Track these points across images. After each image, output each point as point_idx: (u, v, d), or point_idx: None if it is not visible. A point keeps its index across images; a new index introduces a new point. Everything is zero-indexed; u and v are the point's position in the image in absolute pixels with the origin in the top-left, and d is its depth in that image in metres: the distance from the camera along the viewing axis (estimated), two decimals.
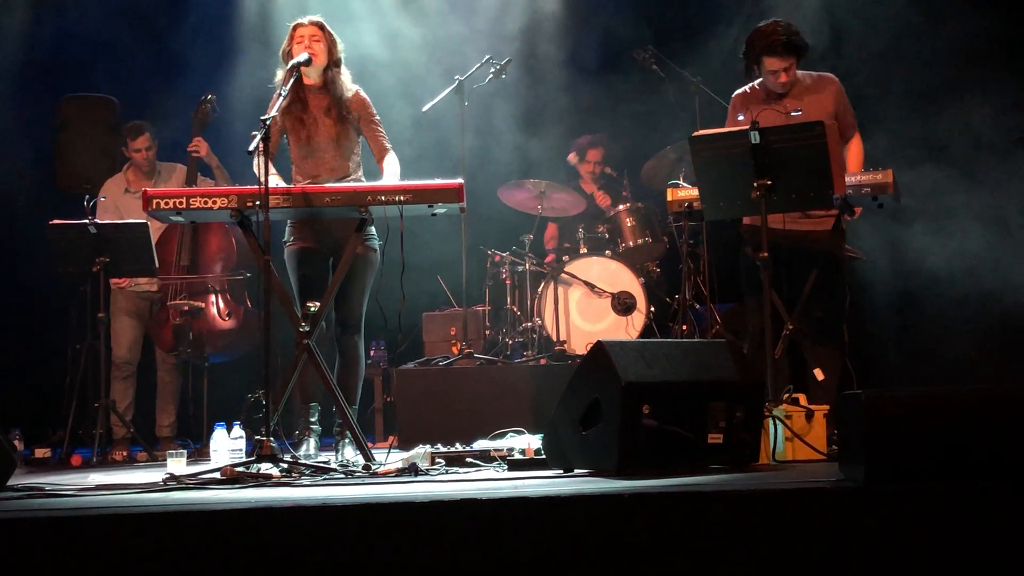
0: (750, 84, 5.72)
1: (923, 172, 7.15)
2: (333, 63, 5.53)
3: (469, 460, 4.89)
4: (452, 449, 5.15)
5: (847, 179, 5.20)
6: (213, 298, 7.21)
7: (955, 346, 7.63)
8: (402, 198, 5.04)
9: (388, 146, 5.58)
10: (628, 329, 7.37)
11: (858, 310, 6.83)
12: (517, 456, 4.84)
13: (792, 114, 5.54)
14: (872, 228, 5.68)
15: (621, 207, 7.80)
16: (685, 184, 5.78)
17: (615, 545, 3.13)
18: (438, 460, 4.86)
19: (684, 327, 6.87)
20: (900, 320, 7.81)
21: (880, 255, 7.33)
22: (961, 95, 7.31)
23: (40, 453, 6.78)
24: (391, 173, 5.45)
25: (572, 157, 8.29)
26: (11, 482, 4.35)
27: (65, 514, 3.44)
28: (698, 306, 7.10)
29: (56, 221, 6.53)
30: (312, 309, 5.09)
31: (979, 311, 7.47)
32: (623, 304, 7.41)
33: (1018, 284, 7.10)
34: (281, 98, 5.19)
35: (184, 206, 5.06)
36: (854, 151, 5.66)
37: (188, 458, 5.30)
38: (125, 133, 7.31)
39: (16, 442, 6.63)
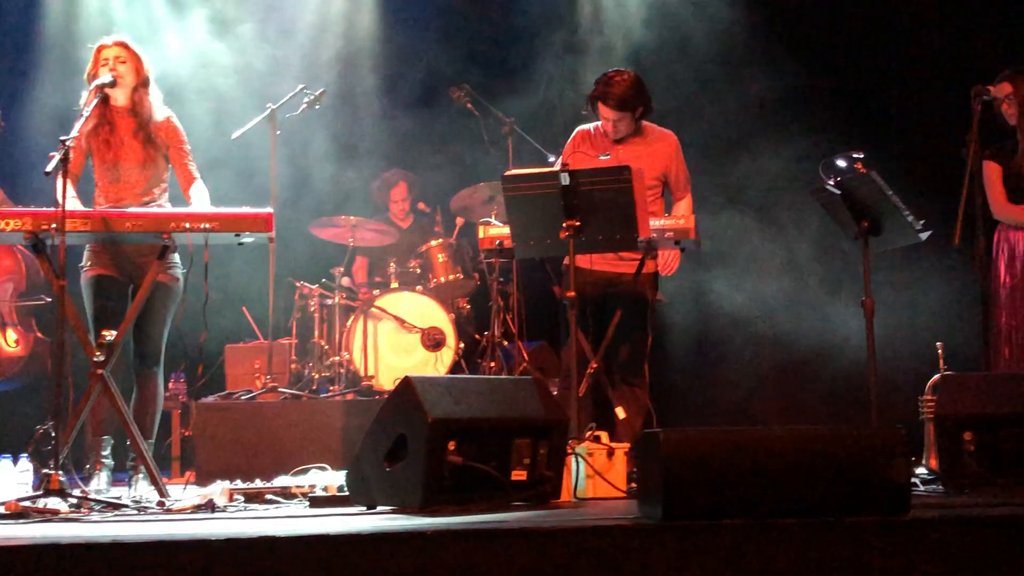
0: (593, 124, 5.84)
1: (723, 219, 7.43)
2: (140, 83, 5.37)
3: (269, 497, 4.78)
4: (252, 485, 5.02)
5: (651, 223, 5.34)
6: (0, 325, 6.87)
7: (750, 386, 7.93)
8: (208, 225, 4.91)
9: (196, 175, 5.44)
10: (437, 365, 7.37)
11: (661, 350, 7.03)
12: (319, 493, 4.75)
13: (601, 158, 5.67)
14: (676, 272, 5.88)
15: (433, 243, 7.81)
16: (496, 222, 5.83)
17: None
18: (237, 496, 4.74)
19: (492, 364, 6.92)
20: (700, 360, 8.06)
21: (682, 297, 7.57)
22: (757, 146, 7.66)
23: None
24: (200, 200, 5.31)
25: (377, 193, 8.28)
26: None
27: None
28: (507, 343, 7.16)
29: None
30: (108, 338, 4.89)
31: (773, 350, 7.79)
32: (433, 340, 7.40)
33: (810, 325, 7.43)
34: (83, 119, 5.01)
35: None
36: (683, 210, 5.79)
37: None
38: None
39: None
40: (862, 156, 5.25)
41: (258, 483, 5.11)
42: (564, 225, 5.07)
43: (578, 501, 4.60)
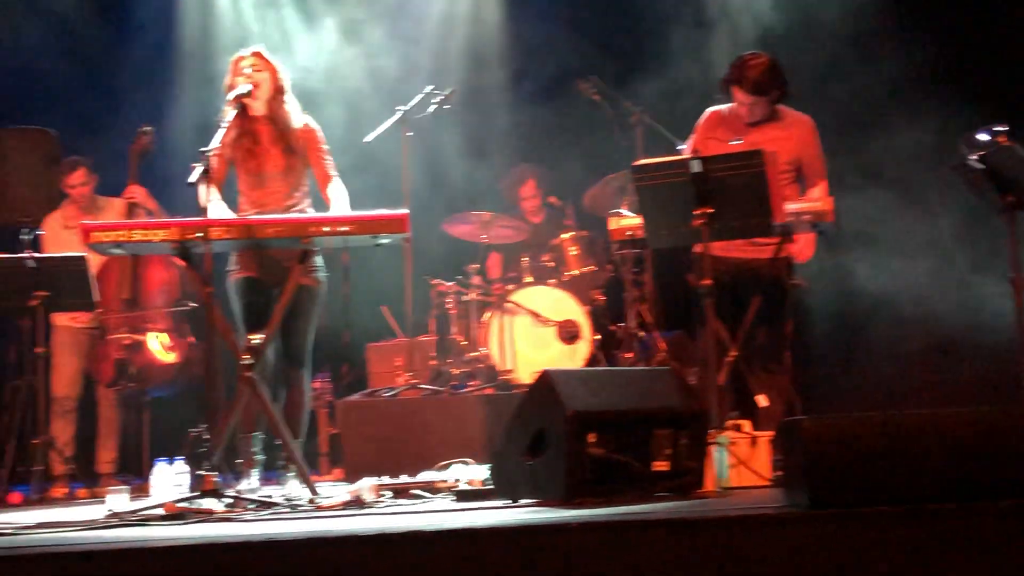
0: (727, 106, 5.78)
1: (861, 199, 7.27)
2: (277, 91, 5.50)
3: (415, 492, 4.87)
4: (398, 481, 5.12)
5: (787, 207, 5.26)
6: (155, 332, 7.12)
7: (897, 369, 7.74)
8: (346, 229, 5.02)
9: (333, 174, 5.56)
10: (574, 358, 7.38)
11: (802, 336, 6.91)
12: (464, 487, 4.82)
13: (732, 143, 5.60)
14: (816, 255, 5.77)
15: (565, 236, 7.83)
16: (627, 213, 5.81)
17: (563, 575, 3.12)
18: (384, 492, 4.83)
19: (629, 355, 6.90)
20: (843, 345, 7.90)
21: (823, 281, 7.42)
22: (892, 124, 7.46)
23: None
24: (339, 200, 5.41)
25: (507, 190, 8.33)
26: None
27: (4, 553, 3.37)
28: (643, 334, 7.13)
29: None
30: (256, 342, 5.04)
31: (919, 333, 7.59)
32: (568, 333, 7.42)
33: (955, 305, 7.22)
34: (222, 130, 5.16)
35: (125, 239, 5.01)
36: (818, 194, 5.66)
37: (130, 494, 5.21)
38: (61, 168, 7.23)
39: None
40: (1005, 129, 5.09)
41: (404, 478, 5.20)
42: (697, 213, 5.02)
43: (722, 491, 4.57)
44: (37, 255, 6.41)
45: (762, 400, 5.50)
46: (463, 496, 4.62)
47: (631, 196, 6.33)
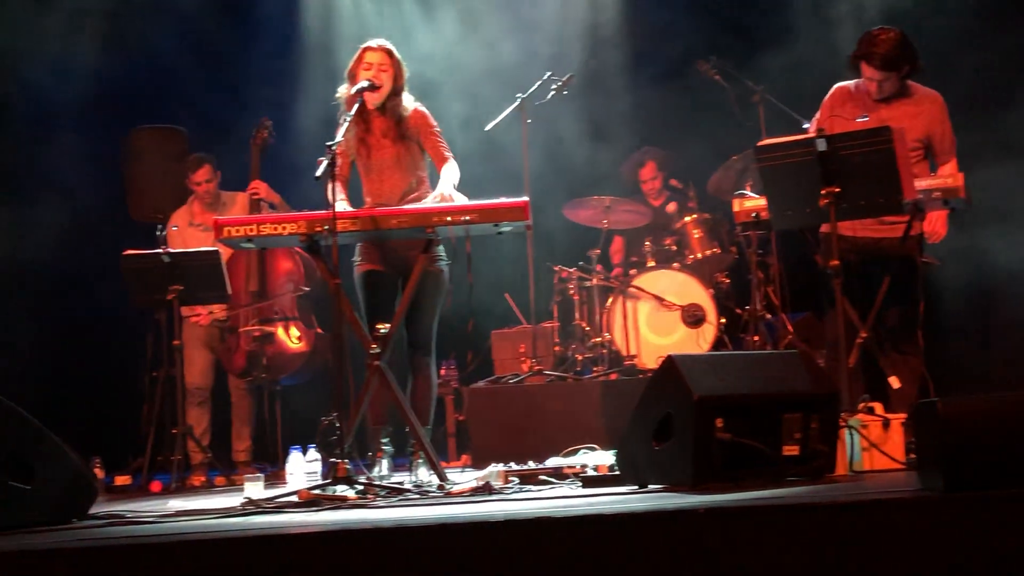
0: (854, 82, 5.67)
1: (993, 174, 7.04)
2: (395, 92, 5.56)
3: (542, 478, 4.89)
4: (525, 467, 5.15)
5: (917, 184, 5.13)
6: (283, 322, 7.28)
7: None
8: (468, 218, 5.06)
9: (448, 155, 5.58)
10: (699, 341, 7.33)
11: (934, 315, 6.74)
12: (591, 473, 4.82)
13: (858, 120, 5.49)
14: (947, 232, 5.63)
15: (688, 218, 7.76)
16: (751, 194, 5.74)
17: (692, 560, 3.10)
18: (512, 479, 4.86)
19: (756, 338, 6.81)
20: (978, 324, 7.69)
21: (955, 259, 7.22)
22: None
23: (120, 480, 6.88)
24: (447, 180, 5.43)
25: (627, 173, 8.29)
26: (93, 510, 4.43)
27: (146, 541, 3.49)
28: (769, 316, 7.04)
29: (130, 251, 6.63)
30: (382, 331, 5.12)
31: None
32: (693, 316, 7.37)
33: None
34: (345, 124, 5.24)
35: (255, 233, 5.15)
36: (949, 171, 5.52)
37: (265, 482, 5.34)
38: (187, 165, 7.41)
39: (97, 470, 6.72)
40: None
41: (531, 464, 5.23)
42: (823, 192, 4.94)
43: (855, 475, 4.49)
44: (172, 251, 6.60)
45: (894, 382, 5.40)
46: (590, 482, 4.62)
47: (755, 177, 6.25)
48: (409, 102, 5.61)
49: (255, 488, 5.04)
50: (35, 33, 8.04)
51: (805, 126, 6.19)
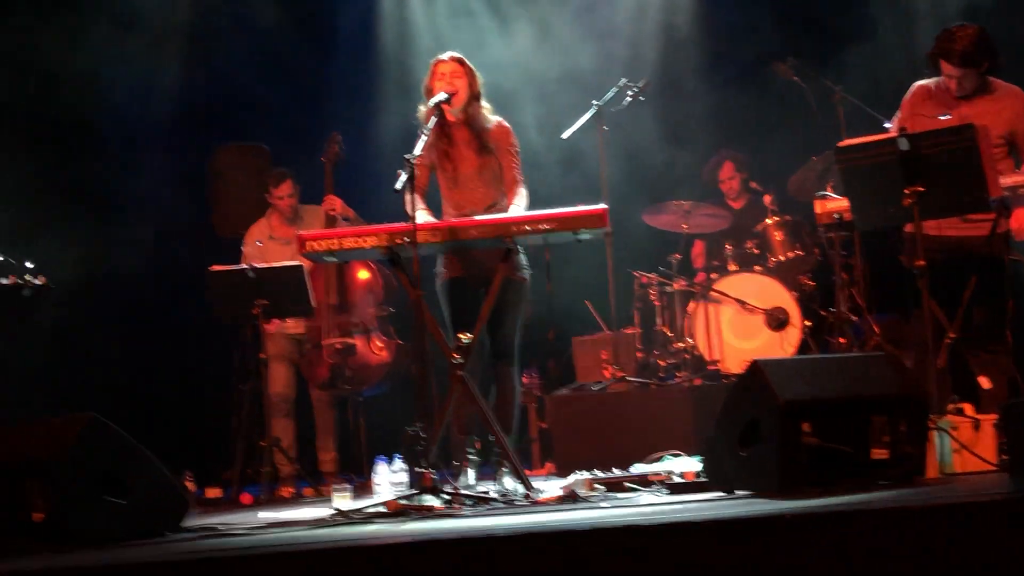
0: (934, 80, 5.59)
1: None
2: (473, 97, 5.60)
3: (628, 485, 4.88)
4: (610, 475, 5.14)
5: (1002, 181, 5.05)
6: (364, 334, 7.34)
7: None
8: (547, 226, 5.08)
9: (519, 178, 5.60)
10: (783, 345, 7.26)
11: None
12: (676, 479, 4.80)
13: (940, 118, 5.41)
14: None
15: (769, 221, 7.70)
16: (833, 195, 5.69)
17: (782, 567, 3.08)
18: (597, 486, 4.86)
19: (842, 340, 6.74)
20: None
21: None
22: None
23: (211, 493, 6.99)
24: (515, 206, 5.46)
25: (706, 177, 8.24)
26: (186, 523, 4.52)
27: (239, 553, 3.56)
28: (855, 318, 6.95)
29: (216, 267, 6.75)
30: (465, 340, 5.15)
31: None
32: (777, 320, 7.30)
33: None
34: (424, 136, 5.28)
35: (337, 246, 5.21)
36: None
37: (352, 492, 5.40)
38: (268, 180, 7.50)
39: (188, 483, 6.83)
40: None
41: (615, 472, 5.22)
42: (907, 192, 4.87)
43: (946, 477, 4.42)
44: (257, 266, 6.69)
45: (984, 382, 5.30)
46: (676, 488, 4.60)
47: (836, 178, 6.18)
48: (492, 115, 5.64)
49: (343, 499, 5.10)
50: (120, 58, 8.23)
51: (887, 125, 6.11)
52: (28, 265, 5.95)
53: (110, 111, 8.37)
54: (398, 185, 4.90)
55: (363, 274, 7.39)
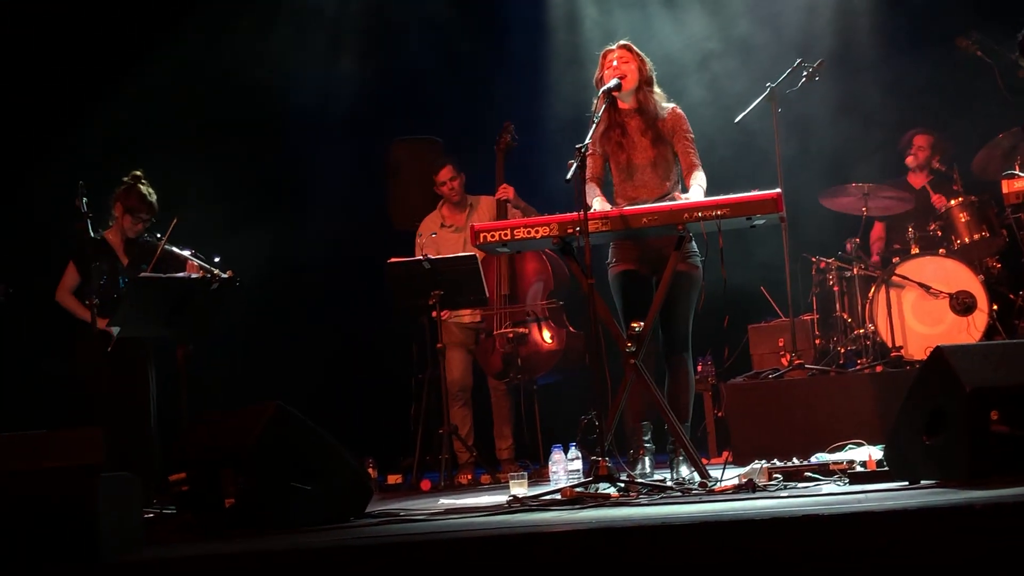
0: None
1: None
2: (644, 83, 5.56)
3: (808, 475, 4.79)
4: (789, 464, 5.06)
5: None
6: (536, 323, 7.39)
7: None
8: (720, 212, 5.02)
9: (697, 162, 5.54)
10: (969, 330, 7.01)
11: None
12: (859, 469, 4.69)
13: None
14: None
15: (953, 202, 7.44)
16: (1022, 174, 5.46)
17: (971, 559, 2.98)
18: (775, 476, 4.79)
19: None
20: None
21: None
22: None
23: (392, 479, 7.17)
24: (696, 187, 5.40)
25: (901, 146, 7.97)
26: (369, 508, 4.65)
27: (419, 538, 3.64)
28: None
29: (394, 259, 6.90)
30: (637, 329, 5.13)
31: None
32: (962, 304, 7.05)
33: None
34: (595, 125, 5.28)
35: (509, 237, 5.26)
36: None
37: (529, 479, 5.46)
38: (431, 170, 7.61)
39: (370, 470, 7.02)
40: None
41: (795, 461, 5.13)
42: None
43: None
44: (433, 257, 6.82)
45: None
46: (858, 478, 4.50)
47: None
48: (666, 102, 5.60)
49: (520, 486, 5.16)
50: (300, 59, 8.51)
51: None
52: (215, 259, 6.21)
53: (293, 110, 8.66)
54: (568, 175, 4.91)
55: (533, 263, 7.44)
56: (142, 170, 6.67)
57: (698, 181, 5.44)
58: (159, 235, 6.45)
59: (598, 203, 5.34)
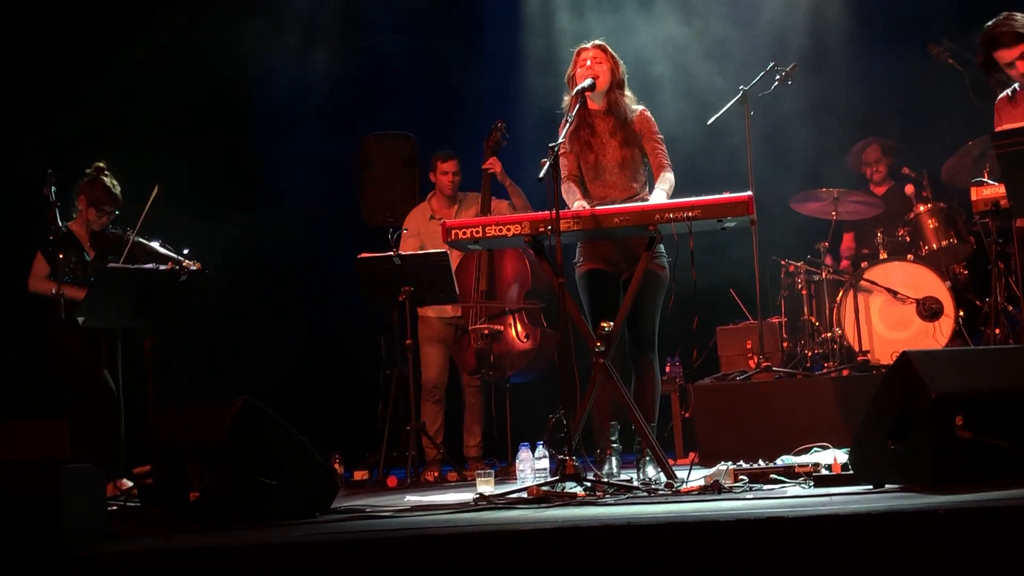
0: (1011, 88, 5.40)
1: None
2: (616, 85, 5.58)
3: (773, 477, 4.81)
4: (755, 466, 5.08)
5: None
6: (511, 321, 7.40)
7: None
8: (691, 214, 5.03)
9: (666, 163, 5.56)
10: (936, 336, 7.05)
11: None
12: (824, 472, 4.72)
13: None
14: None
15: (922, 208, 7.49)
16: (990, 181, 5.50)
17: (932, 562, 3.00)
18: (741, 477, 4.80)
19: (997, 331, 6.51)
20: None
21: None
22: None
23: (359, 476, 7.16)
24: (660, 190, 5.42)
25: (852, 164, 8.06)
26: (335, 504, 4.63)
27: (385, 535, 3.63)
28: (1011, 308, 6.72)
29: (364, 254, 6.88)
30: (606, 329, 5.14)
31: None
32: (929, 310, 7.10)
33: None
34: (568, 124, 5.29)
35: (480, 235, 5.26)
36: None
37: (495, 477, 5.46)
38: (436, 157, 7.58)
39: (336, 466, 7.00)
40: None
41: (760, 463, 5.15)
42: None
43: None
44: (403, 253, 6.81)
45: None
46: (823, 481, 4.52)
47: (993, 164, 5.97)
48: (635, 104, 5.61)
49: (486, 484, 5.16)
50: (272, 53, 8.48)
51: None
52: (184, 252, 6.17)
53: (263, 102, 8.63)
54: (541, 174, 4.91)
55: (512, 261, 7.44)
56: (105, 161, 6.62)
57: (664, 183, 5.45)
58: (128, 229, 6.40)
59: (579, 204, 5.35)
